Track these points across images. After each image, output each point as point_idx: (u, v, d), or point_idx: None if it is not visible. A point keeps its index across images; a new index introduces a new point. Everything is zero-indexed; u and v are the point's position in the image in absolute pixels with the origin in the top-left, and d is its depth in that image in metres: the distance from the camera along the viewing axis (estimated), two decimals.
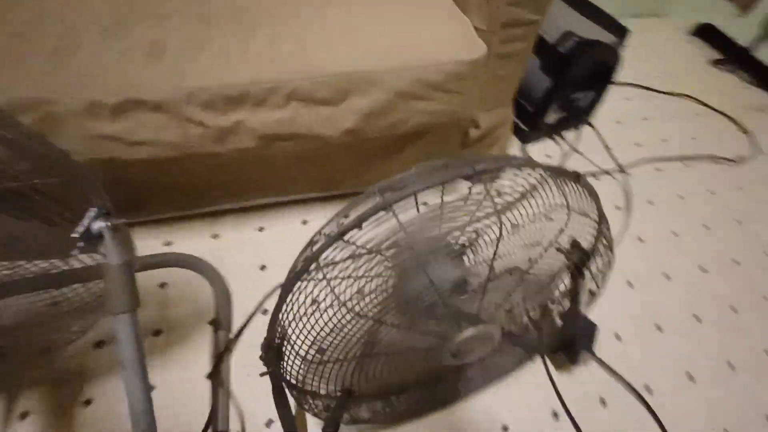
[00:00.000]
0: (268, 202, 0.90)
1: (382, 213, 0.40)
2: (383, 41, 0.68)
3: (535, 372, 0.76)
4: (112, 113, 0.61)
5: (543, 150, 1.11)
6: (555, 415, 0.72)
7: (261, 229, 0.91)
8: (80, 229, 0.41)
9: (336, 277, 0.45)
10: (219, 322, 0.75)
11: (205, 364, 0.72)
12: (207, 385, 0.69)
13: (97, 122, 0.61)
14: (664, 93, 1.32)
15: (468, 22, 0.72)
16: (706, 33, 1.52)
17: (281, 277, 0.41)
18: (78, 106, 0.60)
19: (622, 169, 1.08)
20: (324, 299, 0.44)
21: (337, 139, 0.71)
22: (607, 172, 1.08)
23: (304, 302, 0.45)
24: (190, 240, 0.87)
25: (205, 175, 0.78)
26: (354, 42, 0.68)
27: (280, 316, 0.45)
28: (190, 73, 0.63)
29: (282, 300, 0.44)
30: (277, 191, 0.88)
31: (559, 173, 0.46)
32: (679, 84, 1.36)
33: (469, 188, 0.48)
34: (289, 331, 0.47)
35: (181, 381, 0.70)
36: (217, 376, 0.68)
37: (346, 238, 0.41)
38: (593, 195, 0.52)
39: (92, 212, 0.42)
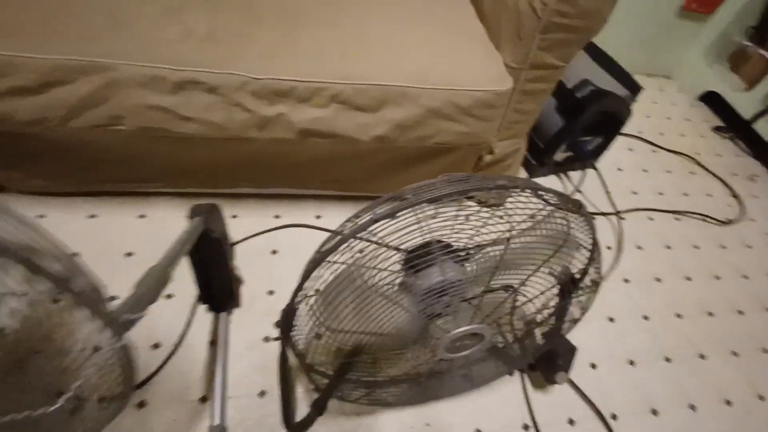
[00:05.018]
0: (284, 192, 0.95)
1: (410, 211, 0.46)
2: (422, 60, 0.75)
3: (513, 385, 0.82)
4: (174, 88, 0.66)
5: (547, 185, 1.18)
6: (525, 427, 0.77)
7: (277, 217, 0.96)
8: None
9: (364, 256, 0.50)
10: None
11: None
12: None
13: (156, 94, 0.67)
14: (664, 149, 1.41)
15: (499, 57, 0.79)
16: (712, 100, 1.62)
17: (291, 263, 0.43)
18: (142, 77, 0.65)
19: (617, 214, 1.15)
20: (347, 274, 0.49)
21: (366, 144, 0.77)
22: (603, 214, 1.15)
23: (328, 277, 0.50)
24: None
25: (232, 158, 0.81)
26: (395, 56, 0.74)
27: (304, 286, 0.51)
28: (243, 61, 0.68)
29: (307, 274, 0.50)
30: (295, 183, 0.93)
31: (563, 200, 0.53)
32: (679, 143, 1.45)
33: (481, 203, 0.55)
34: (307, 303, 0.53)
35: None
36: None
37: (377, 225, 0.46)
38: (590, 224, 0.58)
39: None
